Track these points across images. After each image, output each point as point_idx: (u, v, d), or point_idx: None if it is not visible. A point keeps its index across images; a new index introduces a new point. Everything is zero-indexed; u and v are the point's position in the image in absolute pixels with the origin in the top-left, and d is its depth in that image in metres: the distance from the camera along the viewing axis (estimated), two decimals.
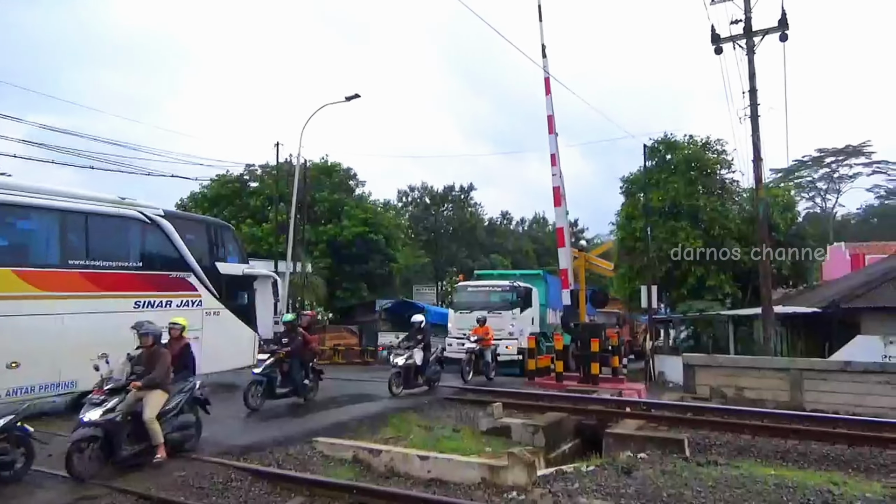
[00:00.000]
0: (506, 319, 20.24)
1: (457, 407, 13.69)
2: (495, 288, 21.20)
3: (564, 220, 19.13)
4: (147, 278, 12.99)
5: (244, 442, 9.66)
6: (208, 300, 14.28)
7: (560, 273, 19.25)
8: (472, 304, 20.67)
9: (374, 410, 12.51)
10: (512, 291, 20.75)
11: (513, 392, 15.45)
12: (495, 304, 20.59)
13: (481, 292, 21.27)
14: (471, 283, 22.64)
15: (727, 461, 9.40)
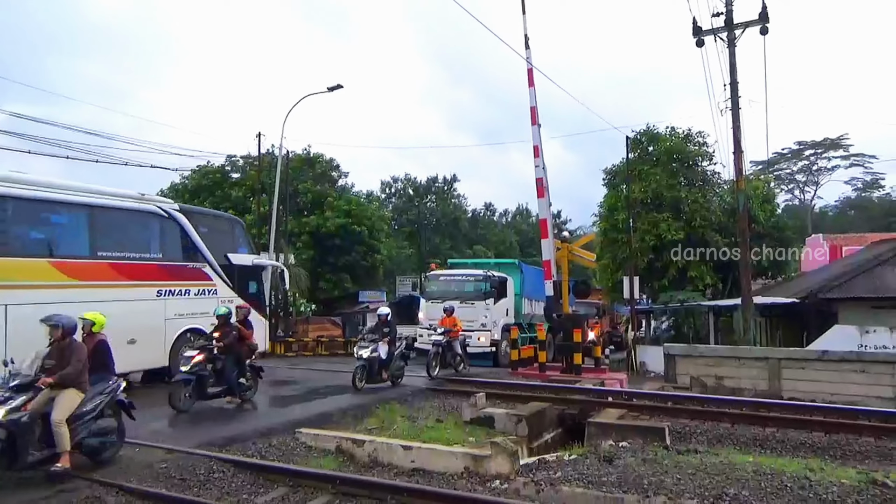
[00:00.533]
0: (479, 310, 19.75)
1: (440, 397, 13.74)
2: (468, 277, 20.63)
3: (547, 212, 19.15)
4: (166, 268, 13.99)
5: (226, 433, 9.61)
6: (223, 289, 15.29)
7: (543, 264, 19.31)
8: (444, 293, 20.21)
9: (357, 401, 12.50)
10: (485, 281, 20.18)
11: (496, 382, 15.51)
12: (468, 293, 20.14)
13: (454, 281, 20.69)
14: (443, 272, 21.91)
15: (707, 449, 9.52)
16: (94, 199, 12.74)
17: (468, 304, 19.63)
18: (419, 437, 10.01)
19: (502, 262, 24.68)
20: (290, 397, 12.95)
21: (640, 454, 8.81)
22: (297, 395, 13.30)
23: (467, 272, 21.19)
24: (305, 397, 12.96)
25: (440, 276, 21.19)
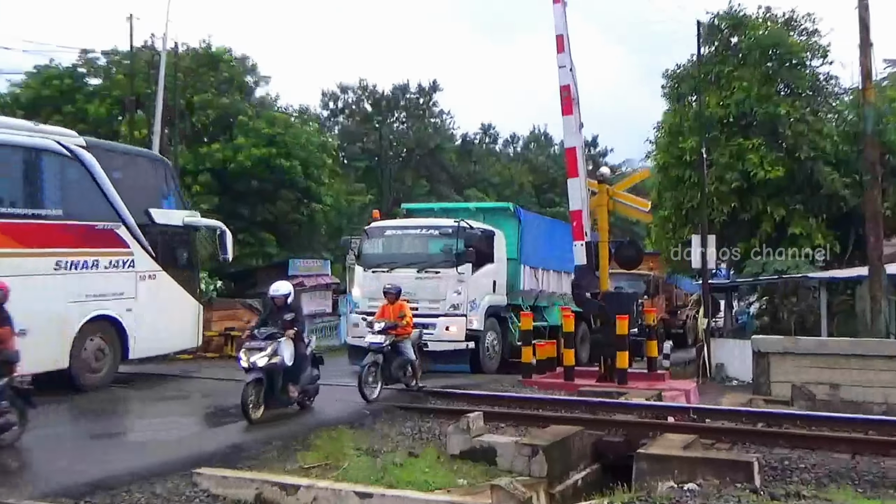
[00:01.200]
0: (446, 283, 19.06)
1: (414, 419, 13.79)
2: (428, 231, 19.93)
3: (577, 138, 19.06)
4: (69, 231, 14.74)
5: (94, 474, 9.57)
6: (142, 260, 16.27)
7: (570, 217, 19.28)
8: (390, 257, 19.77)
9: (287, 425, 12.51)
10: (456, 236, 19.16)
11: (500, 397, 15.53)
12: (428, 257, 19.46)
13: (406, 238, 20.16)
14: (389, 224, 21.41)
15: (815, 493, 9.64)
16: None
17: (429, 275, 19.12)
18: (383, 480, 10.04)
19: (488, 206, 24.42)
20: (183, 420, 12.93)
21: (717, 501, 8.91)
22: (194, 416, 13.26)
23: (428, 223, 20.56)
24: (207, 420, 12.94)
25: (384, 231, 20.61)
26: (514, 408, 14.53)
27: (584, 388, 16.81)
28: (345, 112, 65.66)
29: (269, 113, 39.47)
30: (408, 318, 15.56)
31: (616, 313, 18.02)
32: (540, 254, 22.84)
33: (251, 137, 35.78)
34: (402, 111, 65.42)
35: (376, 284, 18.46)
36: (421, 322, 17.10)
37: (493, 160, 70.34)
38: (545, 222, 23.77)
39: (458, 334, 18.99)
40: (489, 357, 19.79)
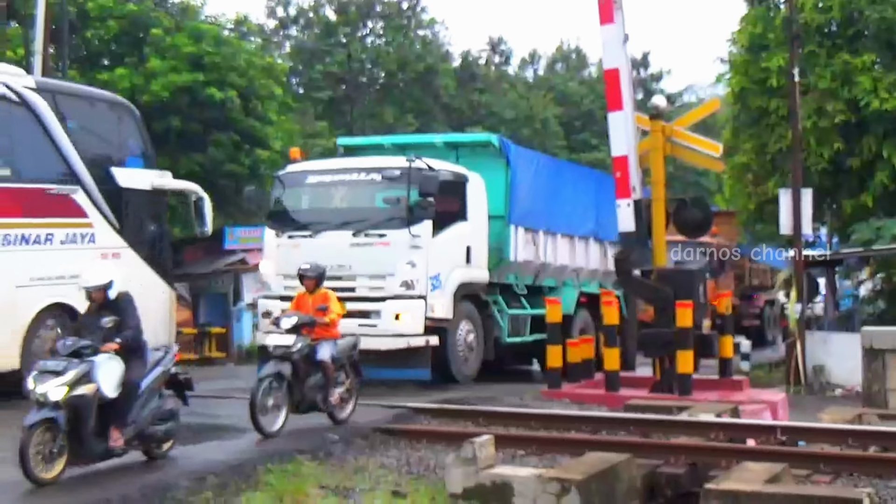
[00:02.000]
0: (395, 251, 18.09)
1: (400, 445, 13.91)
2: (369, 175, 19.12)
3: (621, 55, 19.14)
4: (15, 196, 15.69)
5: None
6: (104, 233, 17.17)
7: (613, 164, 19.35)
8: (315, 216, 19.36)
9: (232, 454, 12.65)
10: (408, 181, 18.10)
11: (515, 414, 15.64)
12: (369, 214, 18.78)
13: (337, 187, 19.47)
14: (313, 166, 20.65)
15: None
16: None
17: (369, 240, 18.36)
18: None
19: (462, 140, 23.98)
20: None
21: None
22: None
23: (368, 164, 19.68)
24: None
25: (306, 177, 19.91)
26: (537, 429, 14.62)
27: (633, 402, 16.83)
28: (299, 22, 65.50)
29: (194, 24, 39.22)
30: (333, 314, 14.42)
31: (675, 299, 18.06)
32: (543, 210, 22.06)
33: (169, 59, 35.71)
34: (377, 20, 65.25)
35: (295, 256, 17.52)
36: (359, 309, 17.07)
37: (505, 88, 70.00)
38: (551, 165, 23.43)
39: (412, 325, 18.01)
40: (462, 358, 19.27)
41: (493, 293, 20.60)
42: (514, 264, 21.15)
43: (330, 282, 15.60)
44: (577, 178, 23.58)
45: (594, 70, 72.73)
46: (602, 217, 23.45)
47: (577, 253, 23.40)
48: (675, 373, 18.06)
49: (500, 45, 74.24)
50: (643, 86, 70.64)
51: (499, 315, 20.47)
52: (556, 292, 22.26)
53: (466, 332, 19.47)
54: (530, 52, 79.73)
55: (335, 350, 14.42)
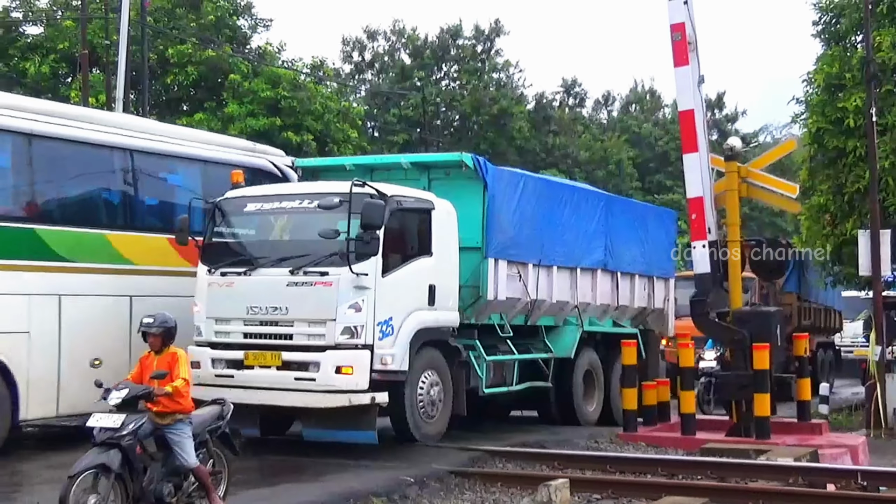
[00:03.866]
0: (336, 292, 15.41)
1: (475, 488, 13.88)
2: (311, 203, 16.21)
3: (696, 95, 19.08)
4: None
5: None
6: None
7: (688, 206, 19.22)
8: (251, 250, 16.83)
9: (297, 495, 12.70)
10: (349, 209, 14.99)
11: (591, 457, 15.65)
12: (308, 248, 16.05)
13: (276, 217, 17.03)
14: (253, 192, 17.46)
15: None
16: (205, 150, 18.67)
17: (308, 279, 15.68)
18: None
19: (431, 160, 19.98)
20: None
21: None
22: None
23: (308, 189, 17.31)
24: None
25: (244, 204, 17.04)
26: (613, 472, 14.54)
27: (710, 445, 16.76)
28: (374, 67, 65.89)
29: (272, 69, 39.80)
30: (178, 381, 11.21)
31: (753, 342, 17.92)
32: (532, 238, 19.05)
33: (247, 104, 36.20)
34: (452, 64, 65.45)
35: (228, 296, 15.92)
36: (296, 360, 15.11)
37: (579, 129, 69.90)
38: (543, 186, 20.19)
39: (355, 379, 15.13)
40: (424, 415, 16.40)
41: (469, 338, 17.58)
42: (493, 303, 17.96)
43: (265, 327, 15.30)
44: (580, 201, 20.53)
45: (669, 111, 72.37)
46: (614, 245, 21.15)
47: (581, 287, 20.20)
48: (752, 416, 17.84)
49: (574, 87, 73.95)
50: (718, 127, 70.11)
51: (476, 362, 17.51)
52: (554, 333, 19.84)
53: (430, 386, 16.45)
54: (604, 93, 79.34)
55: (190, 428, 11.37)
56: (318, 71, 46.58)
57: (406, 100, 60.59)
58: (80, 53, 32.16)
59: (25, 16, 39.41)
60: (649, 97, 78.08)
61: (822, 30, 32.41)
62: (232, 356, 15.58)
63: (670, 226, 24.42)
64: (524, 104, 66.17)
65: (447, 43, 65.10)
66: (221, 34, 40.00)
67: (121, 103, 26.43)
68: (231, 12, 41.41)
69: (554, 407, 19.95)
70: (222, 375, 15.47)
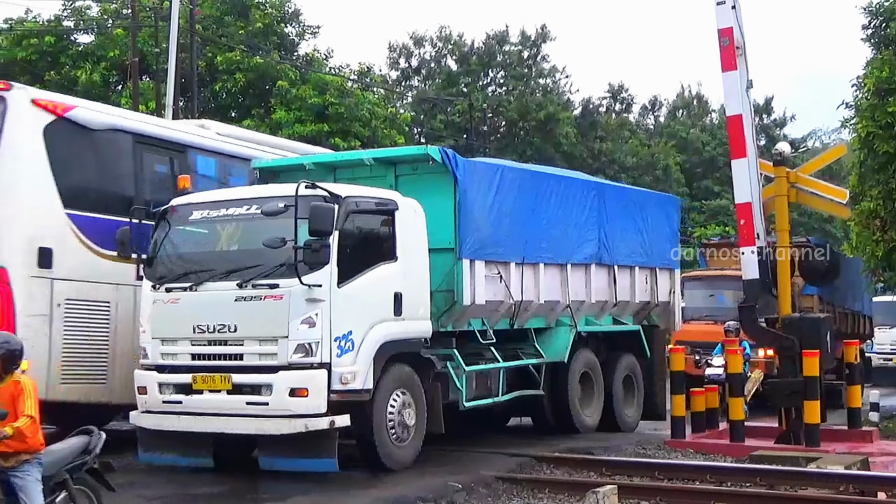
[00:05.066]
0: (287, 306, 13.86)
1: (522, 494, 13.89)
2: (251, 210, 14.75)
3: (744, 102, 19.03)
4: None
5: None
6: None
7: (736, 212, 19.14)
8: (197, 262, 15.05)
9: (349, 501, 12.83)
10: (295, 214, 13.55)
11: (639, 463, 15.57)
12: (257, 259, 14.36)
13: (223, 225, 15.22)
14: (200, 199, 15.79)
15: None
16: None
17: (258, 293, 14.00)
18: None
19: (395, 155, 18.46)
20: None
21: None
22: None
23: (253, 193, 15.71)
24: None
25: (190, 211, 15.42)
26: (661, 479, 14.48)
27: (759, 452, 16.67)
28: (421, 73, 66.03)
29: (319, 76, 39.94)
30: (22, 422, 9.51)
31: (802, 348, 17.85)
32: (514, 235, 17.59)
33: (294, 110, 36.35)
34: (498, 70, 65.45)
35: (174, 313, 14.49)
36: (247, 382, 13.67)
37: (626, 135, 69.74)
38: (524, 178, 18.45)
39: (312, 402, 13.59)
40: (393, 438, 14.69)
41: (446, 347, 16.10)
42: (472, 308, 16.37)
43: (213, 347, 13.85)
44: (568, 191, 18.90)
45: (716, 116, 72.09)
46: (609, 236, 19.46)
47: (573, 285, 18.61)
48: (802, 423, 17.73)
49: (620, 93, 73.83)
50: (766, 132, 69.73)
51: (454, 374, 15.91)
52: (545, 335, 18.28)
53: (401, 406, 14.77)
54: (651, 98, 79.10)
55: (38, 469, 9.82)
56: (365, 77, 46.77)
57: (453, 106, 60.68)
58: (131, 61, 32.52)
59: (77, 24, 39.81)
60: (696, 102, 77.81)
61: (872, 34, 32.20)
62: (179, 380, 14.03)
63: (672, 212, 22.33)
64: (570, 110, 66.09)
65: (494, 49, 65.15)
66: (269, 41, 40.20)
67: (170, 110, 26.61)
68: (279, 19, 41.62)
69: (549, 414, 18.54)
70: (170, 402, 14.02)
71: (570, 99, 67.40)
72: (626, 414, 19.69)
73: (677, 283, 21.69)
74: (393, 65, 65.13)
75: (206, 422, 13.66)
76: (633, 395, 20.11)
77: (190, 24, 32.42)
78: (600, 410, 19.16)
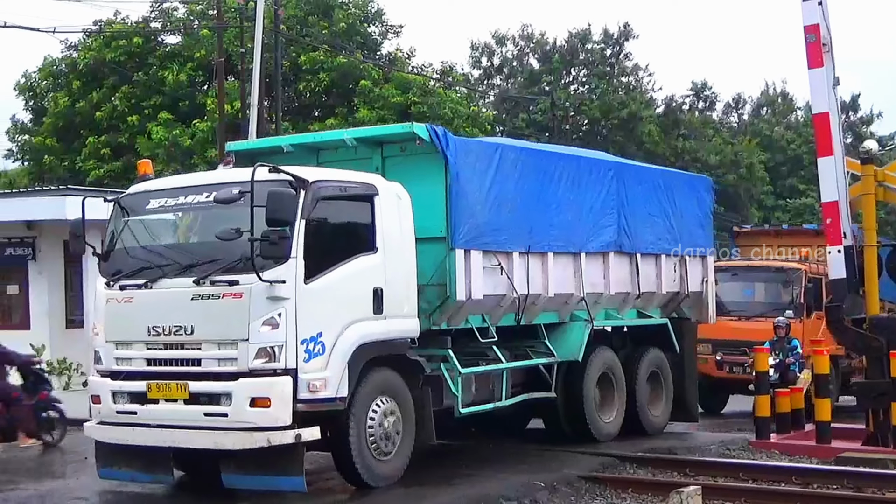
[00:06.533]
0: (250, 306, 12.34)
1: (606, 494, 13.88)
2: (207, 199, 13.05)
3: (830, 99, 18.82)
4: None
5: None
6: None
7: (823, 211, 18.96)
8: (152, 256, 13.53)
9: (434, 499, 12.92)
10: (251, 202, 11.91)
11: (723, 464, 15.50)
12: (215, 252, 12.91)
13: (179, 215, 13.94)
14: (158, 185, 14.44)
15: None
16: None
17: (216, 290, 12.55)
18: None
19: (378, 134, 16.45)
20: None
21: None
22: None
23: (209, 179, 14.33)
24: None
25: (147, 200, 13.93)
26: (745, 480, 14.37)
27: (846, 454, 16.54)
28: (503, 71, 66.12)
29: (402, 75, 40.27)
30: None
31: (891, 348, 17.55)
32: (517, 222, 15.85)
33: (377, 109, 36.61)
34: (581, 68, 65.32)
35: (128, 313, 13.12)
36: (205, 391, 12.31)
37: (709, 133, 69.30)
38: (528, 158, 16.54)
39: (275, 414, 12.14)
40: (377, 453, 13.15)
41: (441, 347, 14.51)
42: (468, 304, 14.67)
43: (168, 351, 12.54)
44: (581, 173, 17.17)
45: (801, 114, 71.30)
46: (630, 222, 17.77)
47: (589, 275, 16.90)
48: (890, 425, 17.46)
49: (704, 90, 73.29)
50: (853, 130, 68.78)
51: (449, 377, 14.33)
52: (557, 331, 16.68)
53: (383, 416, 13.17)
54: (735, 96, 78.41)
55: None
56: (448, 76, 46.96)
57: (535, 104, 60.68)
58: (216, 61, 32.87)
59: (164, 26, 40.53)
60: (781, 100, 77.03)
61: None
62: (134, 388, 12.67)
63: (704, 194, 20.36)
64: (653, 108, 65.83)
65: (576, 47, 65.04)
66: (352, 41, 40.51)
67: (255, 110, 26.85)
68: (362, 19, 41.99)
69: (563, 419, 16.76)
70: (124, 412, 12.71)
71: (652, 97, 67.14)
72: (651, 413, 18.20)
73: (710, 272, 19.85)
74: (475, 63, 65.36)
75: (162, 435, 12.33)
76: (660, 393, 18.53)
77: (274, 24, 32.74)
78: (622, 416, 17.46)
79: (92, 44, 39.24)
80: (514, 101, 61.67)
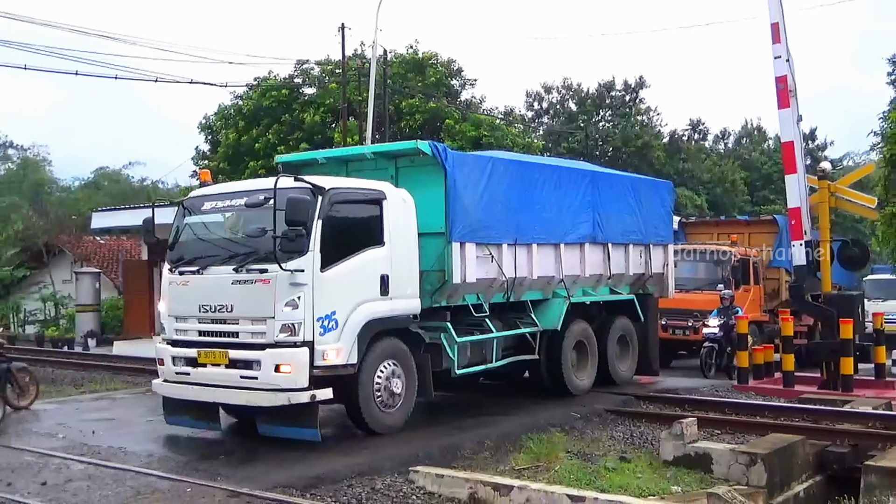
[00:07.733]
0: (274, 289, 11.92)
1: (625, 423, 13.85)
2: (240, 201, 12.99)
3: (795, 131, 18.55)
4: None
5: (313, 471, 10.16)
6: None
7: (789, 214, 18.81)
8: (203, 248, 13.29)
9: (501, 428, 12.83)
10: (274, 206, 11.63)
11: (713, 402, 15.47)
12: (249, 246, 12.58)
13: (225, 213, 13.49)
14: (213, 191, 14.02)
15: None
16: None
17: (251, 277, 12.18)
18: (594, 484, 10.08)
19: (391, 149, 15.32)
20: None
21: None
22: (411, 420, 13.10)
23: (242, 187, 13.96)
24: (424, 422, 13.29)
25: (203, 202, 13.71)
26: (730, 414, 14.36)
27: (806, 396, 16.36)
28: (549, 112, 65.83)
29: (475, 115, 40.34)
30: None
31: (839, 317, 17.57)
32: (506, 220, 15.16)
33: (457, 140, 36.64)
34: (607, 109, 64.86)
35: (185, 294, 12.74)
36: (241, 358, 11.89)
37: (703, 157, 68.68)
38: (516, 169, 15.81)
39: (294, 378, 11.74)
40: (382, 406, 12.67)
41: (441, 320, 13.94)
42: (464, 286, 14.11)
43: (214, 325, 12.18)
44: (561, 179, 16.46)
45: (772, 142, 70.24)
46: (603, 218, 17.00)
47: (567, 261, 16.21)
48: (839, 374, 17.38)
49: (699, 125, 72.78)
50: (811, 154, 67.67)
51: (447, 344, 13.82)
52: (542, 306, 15.96)
53: (388, 376, 12.73)
54: (722, 129, 77.58)
55: None
56: (509, 116, 47.17)
57: (573, 136, 60.53)
58: (342, 107, 33.28)
59: (304, 81, 41.06)
60: (757, 132, 75.99)
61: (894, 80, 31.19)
62: (188, 354, 12.39)
63: (666, 195, 19.36)
64: (661, 139, 65.30)
65: (603, 94, 64.55)
66: (440, 90, 40.65)
67: (369, 143, 27.13)
68: (447, 75, 42.16)
69: (545, 377, 16.04)
70: (181, 373, 12.48)
71: (660, 130, 66.40)
72: (620, 369, 17.50)
73: (671, 257, 18.97)
74: (529, 106, 65.17)
75: (209, 392, 12.13)
76: (627, 353, 17.82)
77: (383, 78, 33.07)
78: (594, 374, 16.72)
79: (252, 94, 39.82)
80: (558, 134, 61.43)
